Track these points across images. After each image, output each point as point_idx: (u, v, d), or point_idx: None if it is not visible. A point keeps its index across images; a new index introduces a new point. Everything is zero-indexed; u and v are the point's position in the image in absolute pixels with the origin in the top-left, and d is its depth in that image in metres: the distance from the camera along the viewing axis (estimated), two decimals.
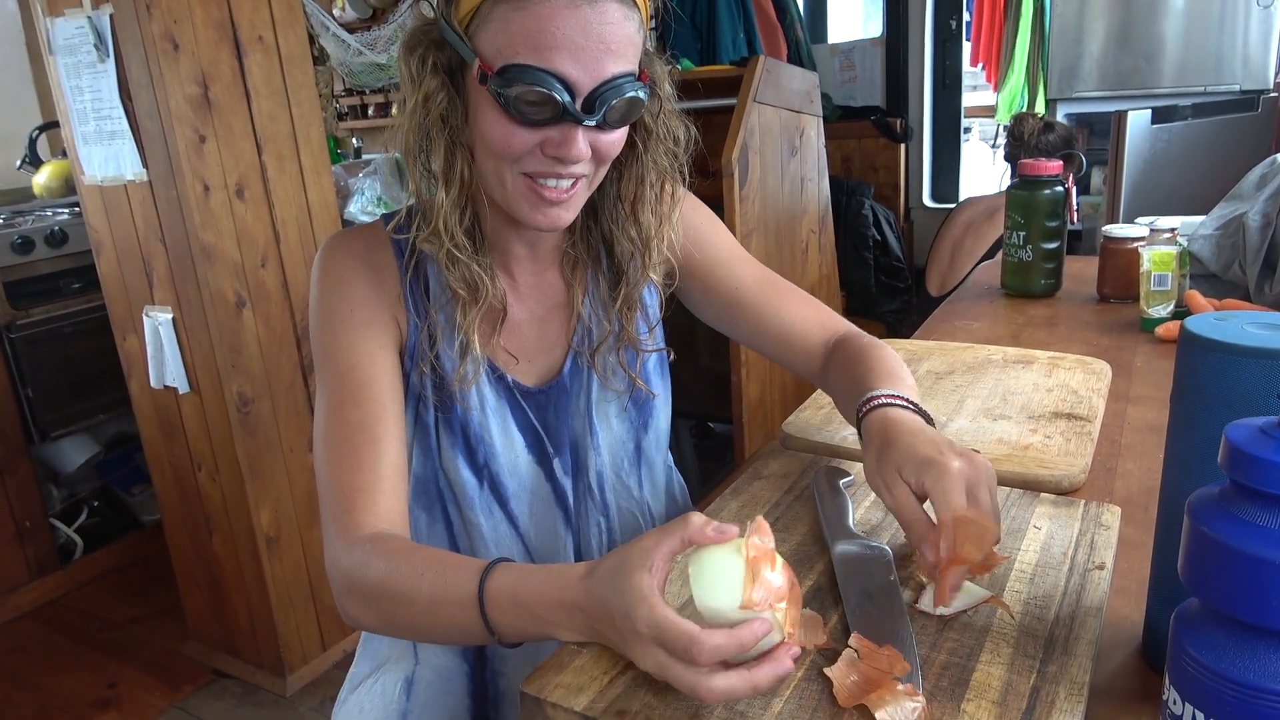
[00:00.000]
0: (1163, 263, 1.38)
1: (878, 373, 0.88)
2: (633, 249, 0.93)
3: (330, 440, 0.84)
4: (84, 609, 2.68)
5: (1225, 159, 2.43)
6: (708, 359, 2.43)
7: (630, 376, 0.99)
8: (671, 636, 0.58)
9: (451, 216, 0.84)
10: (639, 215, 0.92)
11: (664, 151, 0.91)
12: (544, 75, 0.75)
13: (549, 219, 0.83)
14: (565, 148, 0.78)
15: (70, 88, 1.97)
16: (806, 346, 1.00)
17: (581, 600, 0.65)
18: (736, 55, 3.74)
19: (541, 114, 0.77)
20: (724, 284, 1.01)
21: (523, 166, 0.81)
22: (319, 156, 2.15)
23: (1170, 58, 2.82)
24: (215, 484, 2.12)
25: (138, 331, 2.09)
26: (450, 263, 0.86)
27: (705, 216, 1.04)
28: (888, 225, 3.73)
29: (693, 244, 1.00)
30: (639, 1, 0.80)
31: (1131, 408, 1.15)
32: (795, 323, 1.01)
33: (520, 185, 0.82)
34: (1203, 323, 0.61)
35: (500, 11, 0.75)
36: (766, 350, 1.03)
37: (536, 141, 0.79)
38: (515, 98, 0.76)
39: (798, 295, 1.03)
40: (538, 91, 0.75)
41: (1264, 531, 0.44)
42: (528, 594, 0.69)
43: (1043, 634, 0.67)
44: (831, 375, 0.97)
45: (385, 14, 3.58)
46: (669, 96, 0.89)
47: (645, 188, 0.91)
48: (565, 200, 0.83)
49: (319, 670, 2.26)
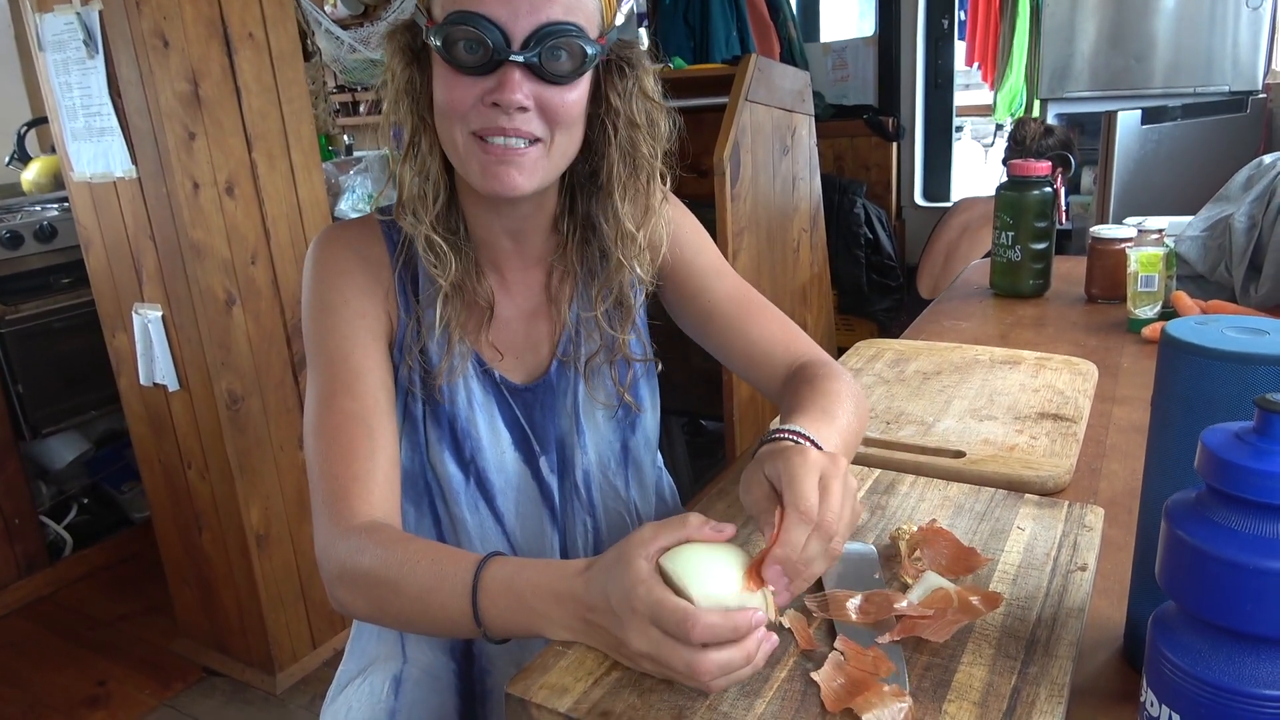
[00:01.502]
0: (1150, 264, 1.39)
1: (807, 409, 0.84)
2: (614, 236, 0.92)
3: (323, 429, 0.84)
4: (73, 606, 2.67)
5: (1214, 159, 2.44)
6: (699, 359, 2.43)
7: (619, 391, 0.99)
8: (668, 612, 0.60)
9: (423, 188, 0.86)
10: (619, 203, 0.91)
11: (641, 139, 0.89)
12: (474, 16, 0.77)
13: (501, 182, 0.82)
14: (502, 91, 0.79)
15: (59, 84, 1.96)
16: (770, 367, 0.98)
17: (580, 591, 0.66)
18: (729, 54, 3.74)
19: (475, 58, 0.79)
20: (700, 295, 1.01)
21: (470, 124, 0.81)
22: (310, 154, 2.15)
23: (1161, 58, 2.83)
24: (205, 481, 2.11)
25: (127, 329, 2.09)
26: (430, 248, 0.87)
27: (692, 225, 1.04)
28: (879, 224, 3.74)
29: (676, 250, 1.00)
30: None
31: (1117, 408, 1.15)
32: (761, 343, 0.99)
33: (471, 145, 0.82)
34: (1183, 327, 0.62)
35: None
36: (734, 366, 1.02)
37: (478, 93, 0.80)
38: (449, 43, 0.79)
39: (770, 315, 1.01)
40: (466, 30, 0.77)
41: (1239, 536, 0.45)
42: (524, 584, 0.69)
43: (1024, 635, 0.68)
44: (784, 398, 0.95)
45: (377, 10, 3.57)
46: (646, 84, 0.89)
47: (624, 172, 0.90)
48: (516, 160, 0.82)
49: (309, 668, 2.26)
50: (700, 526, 0.65)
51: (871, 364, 1.30)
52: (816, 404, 0.85)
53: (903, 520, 0.85)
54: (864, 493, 0.93)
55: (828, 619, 0.71)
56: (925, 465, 0.98)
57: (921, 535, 0.79)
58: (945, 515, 0.86)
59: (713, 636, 0.59)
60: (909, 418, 1.10)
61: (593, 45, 0.81)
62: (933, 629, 0.67)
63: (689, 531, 0.65)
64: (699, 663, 0.60)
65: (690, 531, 0.65)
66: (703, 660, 0.60)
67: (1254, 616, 0.45)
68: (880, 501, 0.91)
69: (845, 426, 0.84)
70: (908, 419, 1.09)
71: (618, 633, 0.63)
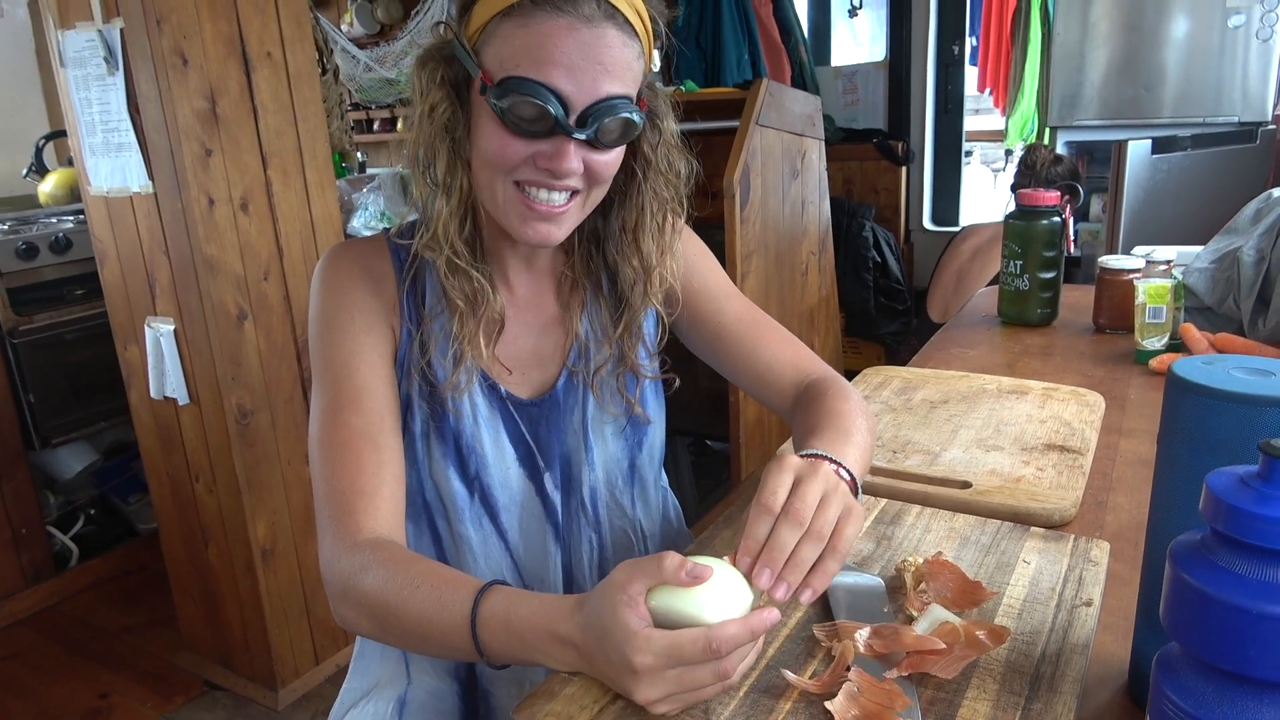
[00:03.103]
0: (1158, 295, 1.39)
1: (825, 428, 0.86)
2: (635, 277, 0.96)
3: (329, 444, 0.85)
4: (79, 617, 2.68)
5: (1224, 190, 2.45)
6: (706, 380, 2.43)
7: (628, 401, 1.00)
8: (687, 645, 0.62)
9: (451, 224, 0.87)
10: (641, 244, 0.95)
11: (664, 182, 0.93)
12: (539, 87, 0.78)
13: (538, 233, 0.85)
14: (557, 160, 0.81)
15: (79, 99, 1.98)
16: (780, 386, 1.01)
17: (575, 637, 0.67)
18: (741, 77, 3.77)
19: (535, 125, 0.80)
20: (711, 317, 1.04)
21: (515, 175, 0.83)
22: (324, 171, 2.17)
23: (1170, 88, 2.84)
24: (212, 495, 2.12)
25: (139, 341, 2.10)
26: (450, 270, 0.88)
27: (699, 249, 1.06)
28: (888, 247, 3.74)
29: (685, 274, 1.02)
30: (640, 30, 0.82)
31: (1124, 440, 1.16)
32: (773, 362, 1.02)
33: (511, 195, 0.84)
34: (1189, 366, 0.62)
35: (505, 28, 0.79)
36: (744, 385, 1.05)
37: (530, 153, 0.81)
38: (511, 108, 0.79)
39: (779, 335, 1.04)
40: (532, 103, 0.78)
41: (1242, 581, 0.45)
42: (520, 622, 0.70)
43: (1029, 670, 0.68)
44: (795, 417, 0.97)
45: (394, 30, 3.61)
46: (671, 131, 0.92)
47: (647, 217, 0.94)
48: (556, 216, 0.85)
49: (311, 684, 2.26)
50: (677, 571, 0.64)
51: (879, 391, 1.30)
52: (832, 424, 0.87)
53: (909, 551, 0.86)
54: (870, 522, 0.93)
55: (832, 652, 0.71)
56: (932, 495, 0.98)
57: (927, 568, 0.80)
58: (951, 547, 0.86)
59: (737, 645, 0.62)
60: (915, 447, 1.10)
61: (639, 114, 0.83)
62: (941, 665, 0.67)
63: (666, 576, 0.64)
64: (727, 670, 0.63)
65: (667, 576, 0.64)
66: (728, 665, 0.63)
67: (1257, 661, 0.45)
68: (886, 532, 0.91)
69: (861, 444, 0.86)
70: (914, 448, 1.10)
71: (622, 686, 0.64)
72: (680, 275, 1.00)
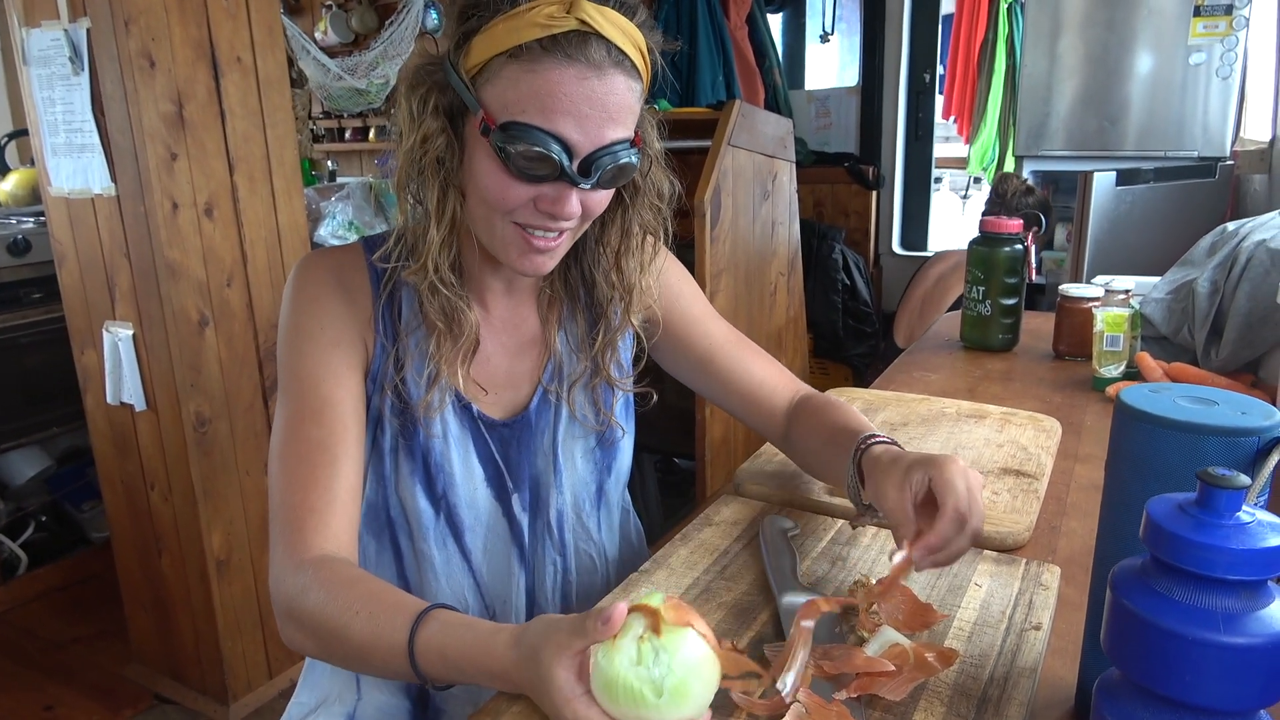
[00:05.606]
0: (1115, 324, 1.42)
1: (853, 420, 0.93)
2: (613, 294, 0.97)
3: (287, 457, 0.84)
4: (25, 626, 2.61)
5: (1184, 222, 2.50)
6: (674, 396, 2.44)
7: (603, 414, 1.00)
8: None
9: (441, 254, 0.86)
10: (622, 263, 0.95)
11: (648, 206, 0.94)
12: (546, 137, 0.77)
13: (533, 265, 0.86)
14: (559, 205, 0.81)
15: (42, 99, 1.95)
16: (771, 405, 1.04)
17: (511, 673, 0.67)
18: (715, 98, 3.80)
19: (539, 171, 0.79)
20: (699, 340, 1.05)
21: (514, 217, 0.83)
22: (292, 179, 2.15)
23: (1134, 122, 2.90)
24: (167, 504, 2.08)
25: (96, 346, 2.06)
26: (431, 294, 0.87)
27: (681, 274, 1.07)
28: (857, 270, 3.78)
29: (670, 300, 1.03)
30: (642, 70, 0.82)
31: (1079, 466, 1.17)
32: (764, 382, 1.04)
33: (511, 232, 0.84)
34: (1136, 394, 0.63)
35: (511, 70, 0.78)
36: (732, 407, 1.06)
37: (531, 196, 0.81)
38: (516, 154, 0.78)
39: (764, 355, 1.07)
40: (539, 152, 0.78)
41: (1179, 607, 0.46)
42: (456, 654, 0.70)
43: (976, 693, 0.68)
44: (799, 429, 0.99)
45: (367, 39, 3.60)
46: (657, 153, 0.92)
47: (629, 239, 0.95)
48: (551, 249, 0.86)
49: (264, 698, 2.22)
50: (597, 629, 0.62)
51: None
52: (858, 418, 0.94)
53: (863, 572, 0.86)
54: (825, 543, 0.93)
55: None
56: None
57: (879, 589, 0.80)
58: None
59: None
60: None
61: (637, 154, 0.84)
62: (889, 687, 0.67)
63: (591, 638, 0.62)
64: None
65: (592, 638, 0.62)
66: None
67: (1193, 686, 0.45)
68: (841, 553, 0.91)
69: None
70: None
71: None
72: (662, 299, 1.01)
